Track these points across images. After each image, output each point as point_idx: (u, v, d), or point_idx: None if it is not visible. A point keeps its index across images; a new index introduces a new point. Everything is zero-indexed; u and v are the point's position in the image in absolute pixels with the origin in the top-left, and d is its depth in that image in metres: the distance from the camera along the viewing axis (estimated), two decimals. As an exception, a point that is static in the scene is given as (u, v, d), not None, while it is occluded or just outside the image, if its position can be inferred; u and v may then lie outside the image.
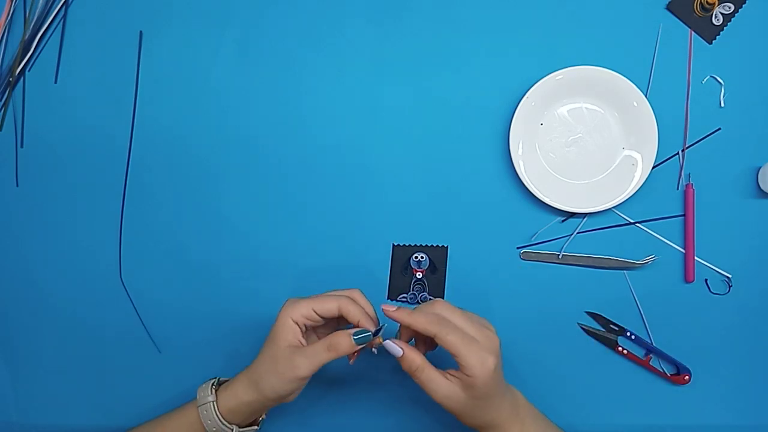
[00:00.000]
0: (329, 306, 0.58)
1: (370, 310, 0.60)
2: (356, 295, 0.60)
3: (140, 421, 0.68)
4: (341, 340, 0.57)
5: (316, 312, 0.58)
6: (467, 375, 0.55)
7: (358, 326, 0.58)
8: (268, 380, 0.58)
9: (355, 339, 0.57)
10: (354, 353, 0.58)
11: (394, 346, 0.57)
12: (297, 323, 0.58)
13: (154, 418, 0.65)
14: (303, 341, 0.59)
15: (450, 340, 0.55)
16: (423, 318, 0.56)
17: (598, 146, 0.70)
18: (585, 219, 0.71)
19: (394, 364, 0.58)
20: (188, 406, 0.63)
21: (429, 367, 0.57)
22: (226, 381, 0.63)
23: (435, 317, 0.57)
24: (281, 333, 0.58)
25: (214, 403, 0.60)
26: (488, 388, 0.56)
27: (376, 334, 0.58)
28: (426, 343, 0.61)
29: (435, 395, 0.57)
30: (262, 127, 0.72)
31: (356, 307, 0.59)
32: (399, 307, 0.58)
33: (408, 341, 0.60)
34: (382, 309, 0.58)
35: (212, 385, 0.62)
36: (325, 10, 0.71)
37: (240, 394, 0.60)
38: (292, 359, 0.57)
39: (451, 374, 0.57)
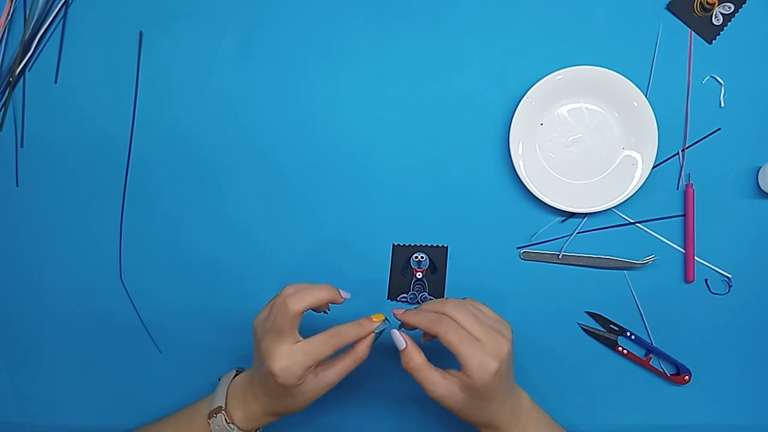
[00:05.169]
0: (324, 353, 0.56)
1: (356, 330, 0.59)
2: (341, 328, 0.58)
3: (141, 422, 0.68)
4: (364, 347, 0.58)
5: (311, 366, 0.56)
6: (467, 376, 0.55)
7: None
8: (292, 409, 0.59)
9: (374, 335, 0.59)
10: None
11: (399, 338, 0.58)
12: (300, 382, 0.56)
13: (156, 421, 0.66)
14: (311, 372, 0.57)
15: (450, 339, 0.55)
16: (425, 318, 0.57)
17: (598, 146, 0.70)
18: (585, 219, 0.71)
19: (396, 364, 0.58)
20: (195, 425, 0.61)
21: (427, 368, 0.57)
22: (228, 400, 0.61)
23: (436, 317, 0.57)
24: (289, 390, 0.57)
25: None
26: (487, 392, 0.56)
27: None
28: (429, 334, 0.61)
29: (432, 393, 0.57)
30: (262, 127, 0.72)
31: (349, 331, 0.58)
32: (406, 310, 0.59)
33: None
34: (393, 313, 0.59)
35: (225, 420, 0.59)
36: (325, 10, 0.71)
37: (266, 422, 0.60)
38: (315, 385, 0.57)
39: (451, 374, 0.57)
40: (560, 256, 0.71)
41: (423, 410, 0.72)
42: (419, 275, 0.72)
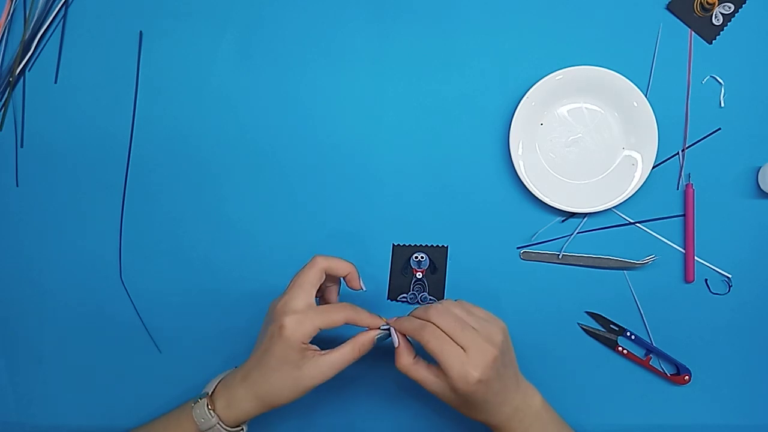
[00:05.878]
0: (336, 319, 0.57)
1: (367, 315, 0.60)
2: (347, 306, 0.60)
3: (140, 421, 0.68)
4: (366, 339, 0.59)
5: (321, 328, 0.57)
6: (451, 382, 0.55)
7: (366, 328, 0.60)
8: (280, 395, 0.58)
9: (378, 337, 0.59)
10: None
11: (394, 336, 0.59)
12: (304, 342, 0.57)
13: (150, 421, 0.66)
14: (313, 348, 0.58)
15: (431, 348, 0.55)
16: (410, 325, 0.58)
17: (598, 146, 0.70)
18: (585, 219, 0.71)
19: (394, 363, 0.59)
20: (183, 419, 0.61)
21: (415, 368, 0.58)
22: (216, 388, 0.61)
23: (420, 324, 0.57)
24: (290, 354, 0.56)
25: (220, 424, 0.59)
26: (474, 398, 0.56)
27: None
28: None
29: (427, 389, 0.58)
30: (262, 127, 0.72)
31: (361, 312, 0.59)
32: (399, 317, 0.60)
33: None
34: (387, 322, 0.60)
35: (207, 406, 0.59)
36: (325, 10, 0.72)
37: (247, 409, 0.59)
38: (313, 368, 0.57)
39: (441, 373, 0.56)
40: (560, 256, 0.71)
41: (425, 410, 0.72)
42: (419, 275, 0.72)
